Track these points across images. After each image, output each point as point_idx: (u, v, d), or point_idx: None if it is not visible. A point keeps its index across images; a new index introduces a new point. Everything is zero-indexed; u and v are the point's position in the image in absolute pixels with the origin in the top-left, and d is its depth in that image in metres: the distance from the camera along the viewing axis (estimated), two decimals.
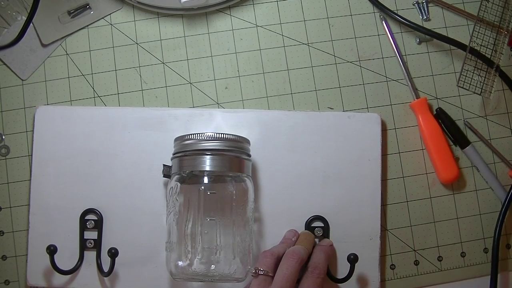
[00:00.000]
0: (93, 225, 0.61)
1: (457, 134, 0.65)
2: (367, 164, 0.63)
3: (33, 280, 0.61)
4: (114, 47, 0.66)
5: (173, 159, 0.57)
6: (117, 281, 0.60)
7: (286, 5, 0.67)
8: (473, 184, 0.65)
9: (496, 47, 0.64)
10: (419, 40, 0.67)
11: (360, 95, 0.66)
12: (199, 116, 0.63)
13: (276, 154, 0.62)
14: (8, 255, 0.63)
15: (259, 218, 0.61)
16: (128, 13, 0.67)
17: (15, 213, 0.63)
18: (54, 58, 0.66)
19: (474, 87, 0.63)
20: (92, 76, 0.65)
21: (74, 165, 0.62)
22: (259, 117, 0.63)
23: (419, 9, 0.68)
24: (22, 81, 0.65)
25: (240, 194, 0.56)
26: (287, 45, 0.66)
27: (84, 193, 0.61)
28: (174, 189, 0.56)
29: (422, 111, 0.65)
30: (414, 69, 0.67)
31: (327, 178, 0.62)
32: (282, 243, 0.58)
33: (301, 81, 0.66)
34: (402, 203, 0.65)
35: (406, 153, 0.65)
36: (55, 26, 0.66)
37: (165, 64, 0.66)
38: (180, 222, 0.56)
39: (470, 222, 0.65)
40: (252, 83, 0.66)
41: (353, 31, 0.67)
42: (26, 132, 0.64)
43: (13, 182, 0.64)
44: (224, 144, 0.55)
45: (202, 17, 0.67)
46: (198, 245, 0.55)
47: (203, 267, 0.55)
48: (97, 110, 0.64)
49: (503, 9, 0.65)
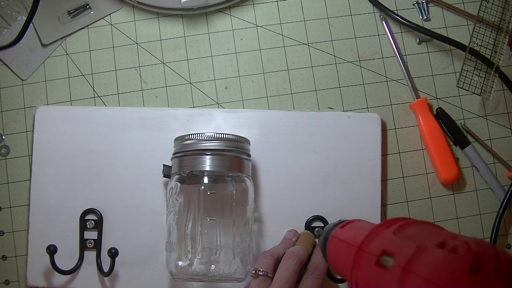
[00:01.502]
0: (93, 225, 0.61)
1: (457, 134, 0.65)
2: (367, 164, 0.63)
3: (33, 280, 0.61)
4: (114, 47, 0.66)
5: (173, 159, 0.57)
6: (117, 281, 0.60)
7: (286, 5, 0.67)
8: (473, 184, 0.66)
9: (496, 48, 0.64)
10: (419, 40, 0.67)
11: (360, 95, 0.66)
12: (199, 116, 0.63)
13: (276, 154, 0.62)
14: (8, 255, 0.63)
15: (259, 218, 0.61)
16: (128, 13, 0.67)
17: (15, 213, 0.63)
18: (54, 58, 0.66)
19: (474, 88, 0.63)
20: (92, 76, 0.65)
21: (74, 165, 0.62)
22: (259, 117, 0.63)
23: (419, 9, 0.68)
24: (22, 81, 0.65)
25: (240, 194, 0.56)
26: (287, 45, 0.67)
27: (84, 193, 0.61)
28: (174, 189, 0.56)
29: (422, 111, 0.65)
30: (414, 69, 0.67)
31: (327, 178, 0.62)
32: (282, 244, 0.58)
33: (301, 81, 0.66)
34: (402, 203, 0.65)
35: (406, 153, 0.65)
36: (55, 26, 0.66)
37: (165, 64, 0.66)
38: (180, 222, 0.56)
39: (470, 222, 0.65)
40: (252, 83, 0.66)
41: (353, 31, 0.67)
42: (26, 132, 0.64)
43: (13, 182, 0.64)
44: (224, 144, 0.55)
45: (202, 17, 0.67)
46: (198, 245, 0.55)
47: (203, 267, 0.55)
48: (97, 110, 0.64)
49: (503, 9, 0.65)
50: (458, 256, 0.33)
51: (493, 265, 0.32)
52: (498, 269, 0.32)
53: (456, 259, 0.33)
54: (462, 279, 0.31)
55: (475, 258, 0.32)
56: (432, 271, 0.33)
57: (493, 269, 0.32)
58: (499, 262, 0.32)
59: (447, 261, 0.33)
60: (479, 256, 0.32)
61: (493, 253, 0.33)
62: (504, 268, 0.32)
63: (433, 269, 0.33)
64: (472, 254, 0.33)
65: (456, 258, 0.33)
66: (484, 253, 0.33)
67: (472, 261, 0.32)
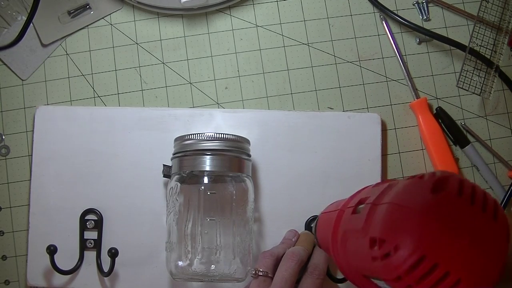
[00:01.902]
0: (93, 225, 0.61)
1: (457, 133, 0.65)
2: (367, 164, 0.63)
3: (33, 280, 0.61)
4: (114, 47, 0.66)
5: (173, 159, 0.57)
6: (117, 281, 0.60)
7: (286, 5, 0.67)
8: None
9: (495, 48, 0.64)
10: (419, 40, 0.67)
11: (360, 95, 0.66)
12: (199, 116, 0.63)
13: (276, 154, 0.62)
14: (8, 255, 0.63)
15: (259, 218, 0.61)
16: (128, 13, 0.67)
17: (15, 213, 0.63)
18: (54, 58, 0.66)
19: (473, 88, 0.63)
20: (92, 76, 0.66)
21: (74, 165, 0.62)
22: (259, 117, 0.63)
23: (419, 9, 0.68)
24: (22, 81, 0.65)
25: (240, 194, 0.56)
26: (287, 45, 0.67)
27: (84, 193, 0.61)
28: (174, 189, 0.56)
29: (422, 111, 0.65)
30: (414, 69, 0.67)
31: (327, 178, 0.62)
32: (282, 244, 0.58)
33: (301, 81, 0.66)
34: None
35: (406, 153, 0.65)
36: (55, 26, 0.66)
37: (165, 64, 0.66)
38: (180, 222, 0.56)
39: None
40: (252, 83, 0.66)
41: (353, 31, 0.67)
42: (26, 132, 0.64)
43: (13, 182, 0.64)
44: (224, 144, 0.55)
45: (202, 17, 0.67)
46: (198, 245, 0.55)
47: (203, 267, 0.55)
48: (97, 110, 0.64)
49: (503, 9, 0.65)
50: (423, 179, 0.34)
51: (456, 187, 0.32)
52: (461, 190, 0.32)
53: (420, 182, 0.34)
54: (424, 197, 0.32)
55: (439, 180, 0.33)
56: (397, 195, 0.34)
57: (455, 189, 0.32)
58: (463, 185, 0.33)
59: (412, 186, 0.34)
60: (443, 178, 0.33)
61: (458, 179, 0.33)
62: (467, 190, 0.32)
63: (398, 194, 0.34)
64: (436, 177, 0.33)
65: (420, 181, 0.34)
66: (448, 177, 0.33)
67: (435, 182, 0.33)
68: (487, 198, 0.32)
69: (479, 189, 0.33)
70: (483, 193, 0.33)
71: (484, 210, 0.32)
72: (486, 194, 0.33)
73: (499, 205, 0.33)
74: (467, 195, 0.32)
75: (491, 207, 0.32)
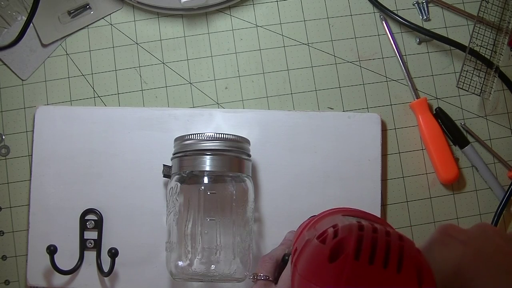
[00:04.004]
0: (93, 225, 0.61)
1: (456, 133, 0.65)
2: (367, 164, 0.63)
3: (33, 280, 0.61)
4: (114, 47, 0.66)
5: (173, 159, 0.57)
6: (117, 281, 0.60)
7: (286, 5, 0.67)
8: (473, 184, 0.66)
9: (495, 48, 0.64)
10: (419, 40, 0.67)
11: (360, 95, 0.66)
12: (199, 116, 0.63)
13: (276, 154, 0.62)
14: (8, 255, 0.63)
15: (259, 218, 0.61)
16: (128, 13, 0.67)
17: (15, 213, 0.63)
18: (54, 58, 0.66)
19: (473, 88, 0.63)
20: (92, 76, 0.65)
21: (74, 165, 0.62)
22: (259, 117, 0.63)
23: (419, 9, 0.68)
24: (22, 81, 0.65)
25: (240, 194, 0.56)
26: (287, 45, 0.67)
27: (84, 193, 0.61)
28: (174, 189, 0.56)
29: (422, 111, 0.65)
30: (414, 69, 0.67)
31: (327, 178, 0.62)
32: (282, 245, 0.58)
33: (301, 81, 0.66)
34: (402, 203, 0.65)
35: (406, 153, 0.65)
36: (55, 26, 0.66)
37: (165, 64, 0.66)
38: (180, 222, 0.56)
39: (470, 222, 0.65)
40: (252, 83, 0.66)
41: (353, 31, 0.67)
42: (26, 132, 0.64)
43: (13, 182, 0.64)
44: (224, 144, 0.55)
45: (202, 17, 0.67)
46: (198, 245, 0.55)
47: (203, 267, 0.55)
48: (97, 110, 0.64)
49: (503, 9, 0.65)
50: (323, 246, 0.33)
51: (353, 249, 0.31)
52: (358, 252, 0.31)
53: (320, 249, 0.33)
54: (322, 268, 0.32)
55: (336, 245, 0.32)
56: (304, 265, 0.34)
57: (352, 253, 0.31)
58: (361, 245, 0.32)
59: (313, 253, 0.34)
60: (340, 242, 0.33)
61: (355, 238, 0.32)
62: (366, 250, 0.31)
63: (305, 264, 0.34)
64: (333, 242, 0.33)
65: (320, 248, 0.33)
66: (345, 239, 0.32)
67: (332, 249, 0.32)
68: (390, 251, 0.31)
69: (380, 242, 0.32)
70: (384, 247, 0.31)
71: (385, 266, 0.30)
72: (391, 244, 0.31)
73: (406, 251, 0.31)
74: (365, 256, 0.31)
75: (394, 260, 0.31)
